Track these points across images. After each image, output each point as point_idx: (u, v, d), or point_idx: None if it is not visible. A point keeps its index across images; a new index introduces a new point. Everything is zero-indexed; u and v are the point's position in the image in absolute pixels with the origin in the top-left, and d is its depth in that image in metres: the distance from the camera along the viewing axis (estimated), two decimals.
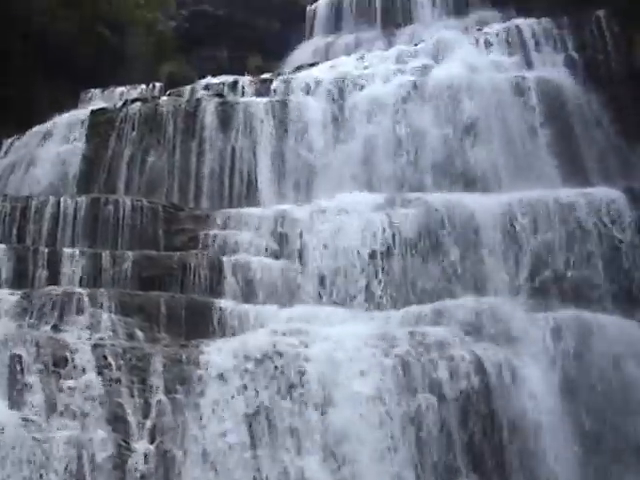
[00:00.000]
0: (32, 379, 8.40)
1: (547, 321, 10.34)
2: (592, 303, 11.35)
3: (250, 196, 16.68)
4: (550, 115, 16.99)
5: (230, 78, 21.29)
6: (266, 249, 13.49)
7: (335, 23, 32.36)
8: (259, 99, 18.87)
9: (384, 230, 12.97)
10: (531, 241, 12.54)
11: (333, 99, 18.46)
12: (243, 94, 19.89)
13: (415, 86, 17.93)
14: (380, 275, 12.40)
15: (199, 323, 11.26)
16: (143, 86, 22.77)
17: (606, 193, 13.17)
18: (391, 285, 12.36)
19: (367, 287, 12.45)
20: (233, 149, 17.50)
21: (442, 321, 10.38)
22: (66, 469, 7.72)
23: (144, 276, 12.03)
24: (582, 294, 11.59)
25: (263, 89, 19.97)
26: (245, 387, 9.07)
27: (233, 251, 13.35)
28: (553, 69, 18.25)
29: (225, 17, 32.87)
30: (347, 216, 13.60)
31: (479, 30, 21.07)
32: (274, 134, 17.70)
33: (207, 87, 20.62)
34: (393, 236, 12.90)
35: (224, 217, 14.32)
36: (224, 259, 12.96)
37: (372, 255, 12.71)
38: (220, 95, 19.59)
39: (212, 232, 13.79)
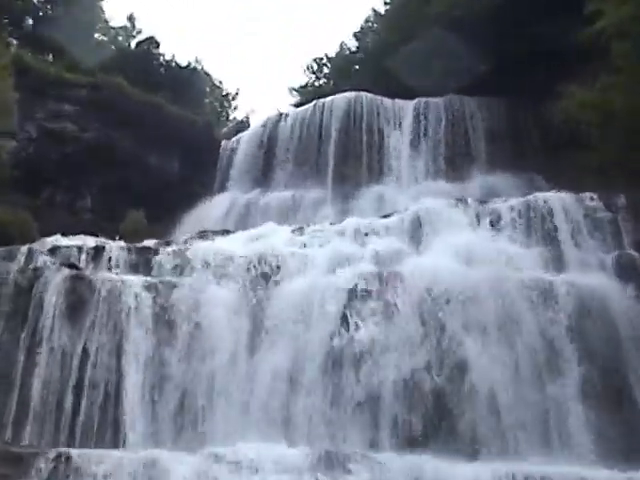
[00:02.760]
0: None
1: None
2: None
3: (105, 429, 17.37)
4: (587, 344, 18.07)
5: (91, 242, 22.50)
6: None
7: (263, 170, 35.93)
8: (134, 277, 20.16)
9: None
10: None
11: (250, 290, 19.97)
12: (110, 267, 21.13)
13: (379, 280, 19.59)
14: None
15: None
16: None
17: None
18: None
19: None
20: (85, 352, 18.36)
21: None
22: None
23: None
24: None
25: (142, 262, 21.34)
26: None
27: None
28: (597, 273, 19.61)
29: (95, 144, 35.29)
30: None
31: (483, 203, 23.00)
32: (153, 336, 18.87)
33: (54, 251, 21.57)
34: None
35: (59, 461, 14.67)
36: None
37: None
38: (72, 266, 20.62)
39: None
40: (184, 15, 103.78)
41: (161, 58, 44.93)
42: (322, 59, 48.70)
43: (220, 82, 50.49)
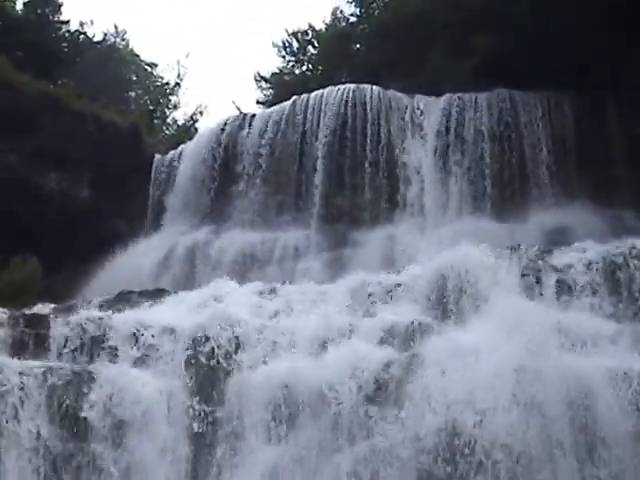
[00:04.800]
0: None
1: None
2: None
3: None
4: None
5: None
6: None
7: (217, 199, 36.61)
8: (17, 364, 19.82)
9: None
10: None
11: (197, 387, 19.99)
12: None
13: (389, 380, 19.40)
14: None
15: None
16: None
17: None
18: None
19: None
20: None
21: None
22: None
23: None
24: None
25: (32, 339, 21.30)
26: None
27: None
28: None
29: None
30: None
31: (547, 253, 23.37)
32: (46, 450, 18.67)
33: None
34: None
35: None
36: None
37: None
38: None
39: None
40: None
41: (63, 28, 44.87)
42: (306, 34, 48.99)
43: (154, 66, 50.52)
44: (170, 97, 50.11)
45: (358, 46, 45.44)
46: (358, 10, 47.23)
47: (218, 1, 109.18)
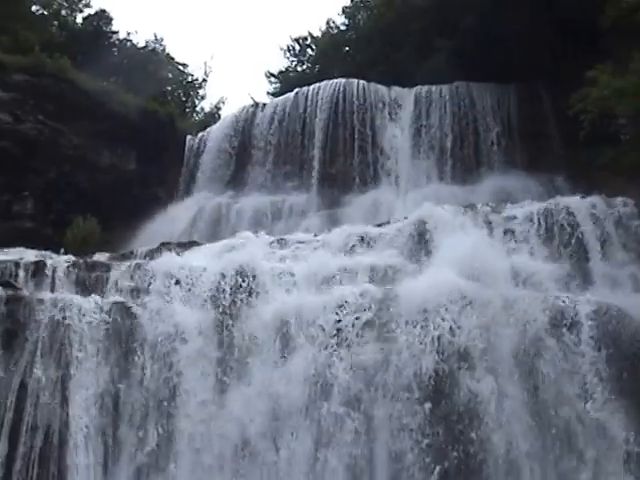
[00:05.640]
0: None
1: None
2: None
3: None
4: (616, 373, 17.94)
5: (31, 255, 22.56)
6: None
7: (236, 170, 36.30)
8: (83, 300, 19.88)
9: None
10: None
11: (221, 313, 19.98)
12: (53, 286, 21.01)
13: (375, 301, 19.52)
14: None
15: None
16: None
17: None
18: None
19: None
20: (23, 385, 18.19)
21: None
22: None
23: None
24: None
25: (93, 281, 21.32)
26: None
27: None
28: (631, 295, 19.80)
29: (36, 138, 34.84)
30: None
31: (496, 210, 23.40)
32: (105, 370, 18.71)
33: None
34: None
35: None
36: None
37: None
38: (8, 284, 20.42)
39: None
40: None
41: (114, 37, 44.76)
42: (305, 39, 48.70)
43: (185, 66, 50.27)
44: (198, 90, 49.71)
45: (347, 49, 45.12)
46: (347, 21, 46.93)
47: (236, 12, 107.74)
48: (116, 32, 44.91)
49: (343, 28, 47.12)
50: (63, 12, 45.73)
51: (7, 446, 17.65)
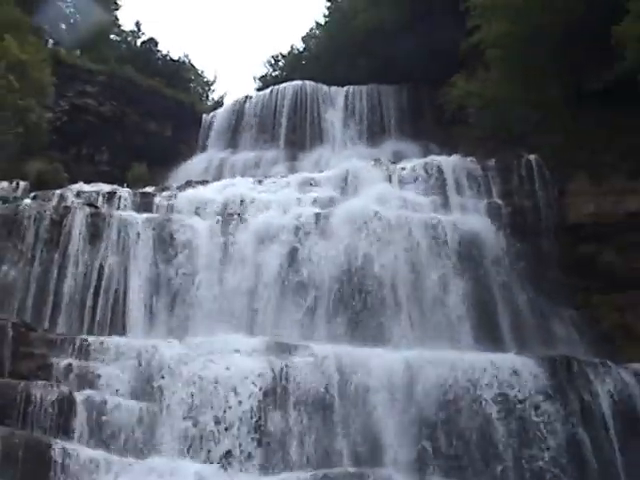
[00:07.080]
0: None
1: None
2: None
3: (116, 322, 17.53)
4: (466, 266, 18.63)
5: (107, 188, 22.65)
6: (127, 386, 14.14)
7: (233, 137, 35.88)
8: (138, 215, 20.18)
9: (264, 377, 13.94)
10: None
11: (222, 223, 20.13)
12: (120, 207, 21.15)
13: (317, 219, 19.80)
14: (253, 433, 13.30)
15: (37, 467, 11.70)
16: (5, 183, 23.18)
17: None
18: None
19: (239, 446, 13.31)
20: (101, 267, 18.48)
21: None
22: None
23: None
24: None
25: (144, 204, 21.38)
26: None
27: (89, 385, 13.80)
28: (474, 215, 20.11)
29: (110, 115, 35.16)
30: (222, 359, 14.43)
31: (394, 163, 23.29)
32: (151, 256, 18.95)
33: (79, 194, 21.68)
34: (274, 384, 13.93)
35: (82, 344, 14.76)
36: (76, 395, 13.37)
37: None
38: (93, 205, 20.63)
39: (66, 361, 14.22)
40: (178, 21, 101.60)
41: (159, 54, 44.87)
42: (278, 56, 48.01)
43: (202, 71, 49.60)
44: (210, 86, 49.10)
45: (304, 62, 44.50)
46: (304, 45, 46.31)
47: (235, 30, 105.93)
48: (160, 51, 45.04)
49: (301, 49, 46.54)
50: (129, 38, 45.82)
51: (92, 300, 17.99)
